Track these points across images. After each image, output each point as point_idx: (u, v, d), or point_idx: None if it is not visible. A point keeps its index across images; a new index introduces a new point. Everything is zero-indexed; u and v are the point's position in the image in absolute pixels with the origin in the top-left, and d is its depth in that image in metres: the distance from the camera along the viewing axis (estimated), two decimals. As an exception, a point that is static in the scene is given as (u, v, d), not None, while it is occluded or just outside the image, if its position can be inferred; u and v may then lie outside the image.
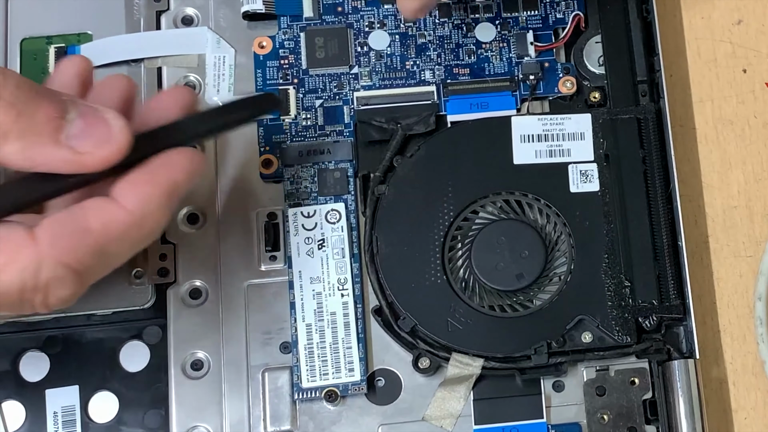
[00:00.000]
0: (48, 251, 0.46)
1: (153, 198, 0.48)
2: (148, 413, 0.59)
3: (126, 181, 0.48)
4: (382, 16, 0.63)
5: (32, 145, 0.45)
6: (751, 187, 0.65)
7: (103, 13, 0.64)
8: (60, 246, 0.46)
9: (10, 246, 0.46)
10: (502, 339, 0.59)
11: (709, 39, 0.67)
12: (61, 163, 0.46)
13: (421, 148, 0.61)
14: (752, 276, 0.63)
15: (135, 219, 0.48)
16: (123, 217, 0.47)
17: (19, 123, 0.45)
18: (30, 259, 0.46)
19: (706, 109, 0.66)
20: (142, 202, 0.48)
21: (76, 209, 0.47)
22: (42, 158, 0.46)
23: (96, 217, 0.47)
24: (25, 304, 0.47)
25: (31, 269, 0.46)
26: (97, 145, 0.47)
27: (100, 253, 0.47)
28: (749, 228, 0.64)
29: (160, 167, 0.49)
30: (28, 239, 0.46)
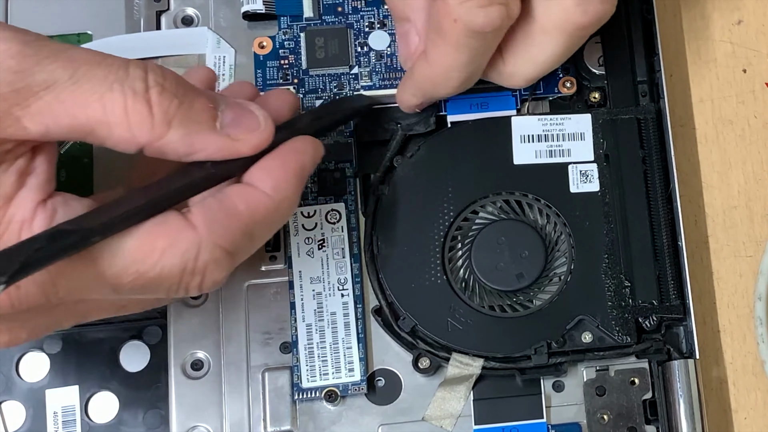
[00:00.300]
0: (206, 234, 0.48)
1: (287, 181, 0.51)
2: (148, 413, 0.59)
3: (261, 168, 0.51)
4: (382, 16, 0.63)
5: (193, 132, 0.48)
6: (751, 187, 0.65)
7: (103, 13, 0.64)
8: (215, 229, 0.48)
9: (170, 230, 0.48)
10: (502, 339, 0.59)
11: (709, 39, 0.67)
12: (217, 148, 0.49)
13: (421, 149, 0.61)
14: (752, 276, 0.63)
15: (274, 202, 0.50)
16: (265, 200, 0.50)
17: (181, 111, 0.47)
18: (190, 242, 0.48)
19: (706, 109, 0.66)
20: (278, 185, 0.50)
21: (221, 196, 0.49)
22: (201, 144, 0.48)
23: (242, 201, 0.49)
24: (181, 288, 0.49)
25: (192, 252, 0.48)
26: (248, 131, 0.50)
27: (249, 236, 0.50)
28: (749, 228, 0.64)
29: (289, 153, 0.51)
30: (186, 224, 0.48)
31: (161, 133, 0.47)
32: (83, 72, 0.46)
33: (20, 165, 0.46)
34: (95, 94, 0.46)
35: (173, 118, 0.47)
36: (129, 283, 0.48)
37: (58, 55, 0.45)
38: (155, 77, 0.47)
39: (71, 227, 0.45)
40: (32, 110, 0.45)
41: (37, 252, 0.43)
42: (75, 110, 0.45)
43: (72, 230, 0.45)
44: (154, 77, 0.47)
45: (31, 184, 0.47)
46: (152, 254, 0.47)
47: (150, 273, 0.47)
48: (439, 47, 0.55)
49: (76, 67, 0.46)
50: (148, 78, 0.47)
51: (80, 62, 0.46)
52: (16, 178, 0.46)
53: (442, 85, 0.57)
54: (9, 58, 0.44)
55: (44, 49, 0.45)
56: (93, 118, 0.46)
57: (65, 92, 0.45)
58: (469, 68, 0.56)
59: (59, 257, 0.44)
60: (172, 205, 0.49)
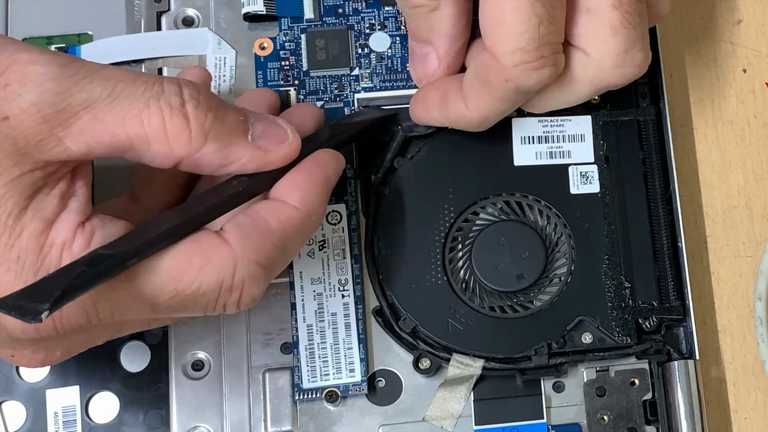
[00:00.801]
0: (241, 251, 0.49)
1: (314, 194, 0.52)
2: (148, 414, 0.59)
3: (288, 182, 0.52)
4: (382, 18, 0.63)
5: (228, 144, 0.49)
6: (751, 187, 0.65)
7: (103, 14, 0.63)
8: (249, 246, 0.49)
9: (205, 248, 0.48)
10: (503, 340, 0.59)
11: (709, 39, 0.67)
12: (249, 159, 0.50)
13: (422, 150, 0.61)
14: (752, 276, 0.63)
15: (303, 215, 0.51)
16: (295, 214, 0.51)
17: (216, 124, 0.48)
18: (226, 259, 0.48)
19: (705, 109, 0.66)
20: (306, 198, 0.51)
21: (252, 212, 0.50)
22: (235, 155, 0.49)
23: (273, 217, 0.50)
24: (219, 305, 0.50)
25: (229, 269, 0.49)
26: (277, 143, 0.51)
27: (282, 249, 0.51)
28: (749, 228, 0.64)
29: (313, 166, 0.53)
30: (220, 241, 0.49)
31: (198, 146, 0.48)
32: (120, 89, 0.47)
33: (62, 187, 0.47)
34: (134, 111, 0.47)
35: (209, 131, 0.48)
36: (167, 301, 0.48)
37: (94, 75, 0.46)
38: (190, 92, 0.48)
39: (109, 251, 0.45)
40: (73, 130, 0.46)
41: (77, 278, 0.44)
42: (115, 127, 0.46)
43: (110, 254, 0.45)
44: (188, 92, 0.48)
45: (72, 206, 0.47)
46: (189, 272, 0.48)
47: (187, 291, 0.48)
48: (483, 98, 0.55)
49: (113, 84, 0.47)
50: (183, 92, 0.48)
51: (116, 80, 0.47)
52: (58, 201, 0.47)
53: (476, 126, 0.57)
54: (49, 80, 0.45)
55: (81, 69, 0.46)
56: (132, 134, 0.47)
57: (104, 110, 0.46)
58: (506, 113, 0.57)
59: (99, 282, 0.45)
60: (205, 224, 0.50)
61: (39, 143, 0.45)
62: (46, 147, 0.46)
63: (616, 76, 0.54)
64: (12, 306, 0.43)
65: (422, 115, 0.59)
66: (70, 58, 0.47)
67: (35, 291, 0.43)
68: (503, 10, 0.51)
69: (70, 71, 0.46)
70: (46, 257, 0.46)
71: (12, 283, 0.45)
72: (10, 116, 0.45)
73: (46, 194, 0.46)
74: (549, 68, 0.53)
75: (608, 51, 0.53)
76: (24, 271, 0.45)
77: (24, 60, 0.46)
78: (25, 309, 0.42)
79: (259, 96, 0.59)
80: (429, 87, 0.59)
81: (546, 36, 0.52)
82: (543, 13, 0.51)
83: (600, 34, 0.53)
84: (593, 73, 0.55)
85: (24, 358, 0.50)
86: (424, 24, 0.57)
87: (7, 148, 0.45)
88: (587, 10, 0.53)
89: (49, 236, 0.46)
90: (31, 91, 0.45)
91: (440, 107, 0.58)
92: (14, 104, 0.45)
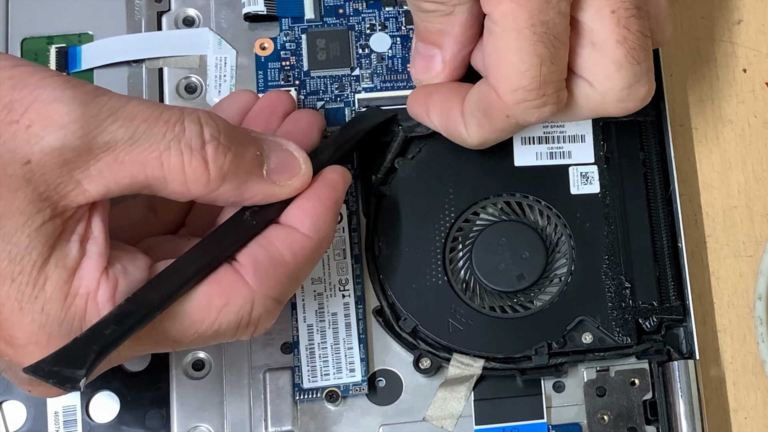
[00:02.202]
0: (258, 288, 0.49)
1: (325, 219, 0.52)
2: (149, 413, 0.59)
3: (299, 209, 0.52)
4: (383, 19, 0.63)
5: (244, 182, 0.49)
6: (751, 187, 0.65)
7: (104, 14, 0.63)
8: (266, 281, 0.49)
9: (225, 289, 0.49)
10: (503, 340, 0.59)
11: (709, 39, 0.67)
12: (263, 195, 0.50)
13: (422, 150, 0.61)
14: (752, 276, 0.63)
15: (315, 243, 0.51)
16: (307, 243, 0.51)
17: (234, 164, 0.48)
18: (245, 298, 0.49)
19: (705, 108, 0.66)
20: (317, 224, 0.52)
21: (266, 243, 0.50)
22: (250, 193, 0.50)
23: (286, 248, 0.51)
24: (234, 338, 0.50)
25: (247, 307, 0.49)
26: (290, 176, 0.51)
27: (295, 280, 0.51)
28: (749, 228, 0.64)
29: (323, 189, 0.52)
30: (238, 279, 0.49)
31: (215, 187, 0.48)
32: (142, 131, 0.46)
33: (80, 231, 0.46)
34: (154, 153, 0.46)
35: (227, 172, 0.48)
36: (189, 342, 0.49)
37: (117, 114, 0.45)
38: (211, 132, 0.48)
39: (134, 306, 0.46)
40: (92, 172, 0.45)
41: (108, 336, 0.44)
42: (134, 169, 0.46)
43: (136, 309, 0.45)
44: (209, 132, 0.48)
45: (91, 251, 0.47)
46: (210, 314, 0.48)
47: (209, 331, 0.49)
48: (483, 127, 0.55)
49: (135, 125, 0.46)
50: (204, 133, 0.48)
51: (139, 119, 0.46)
52: (78, 246, 0.46)
53: (473, 147, 0.58)
54: (72, 121, 0.44)
55: (105, 107, 0.45)
56: (151, 175, 0.46)
57: (124, 152, 0.46)
58: (506, 138, 0.57)
59: (127, 337, 0.45)
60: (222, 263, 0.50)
61: (58, 186, 0.45)
62: (64, 191, 0.45)
63: (618, 110, 0.54)
64: (48, 373, 0.43)
65: (421, 115, 0.59)
66: (93, 93, 0.45)
67: (68, 354, 0.43)
68: (506, 48, 0.51)
69: (93, 110, 0.45)
70: (70, 307, 0.45)
71: (36, 333, 0.45)
72: (32, 160, 0.44)
73: (66, 241, 0.46)
74: (551, 106, 0.53)
75: (612, 86, 0.53)
76: (49, 321, 0.45)
77: (46, 97, 0.44)
78: (63, 376, 0.42)
79: (236, 98, 0.59)
80: (432, 91, 0.58)
81: (548, 75, 0.52)
82: (545, 53, 0.51)
83: (605, 70, 0.53)
84: (595, 104, 0.55)
85: (44, 391, 0.50)
86: (434, 27, 0.57)
87: (29, 194, 0.44)
88: (592, 44, 0.53)
89: (73, 286, 0.46)
90: (54, 133, 0.44)
91: (441, 118, 0.58)
92: (37, 147, 0.44)
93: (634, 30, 0.52)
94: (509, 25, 0.51)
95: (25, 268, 0.44)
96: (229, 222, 0.51)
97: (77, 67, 0.62)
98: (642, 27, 0.53)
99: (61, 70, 0.62)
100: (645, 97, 0.54)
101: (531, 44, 0.51)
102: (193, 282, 0.48)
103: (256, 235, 0.51)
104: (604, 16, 0.52)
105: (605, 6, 0.52)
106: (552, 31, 0.51)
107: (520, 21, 0.51)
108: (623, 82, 0.53)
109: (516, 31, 0.51)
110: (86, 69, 0.62)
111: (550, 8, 0.51)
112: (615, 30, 0.52)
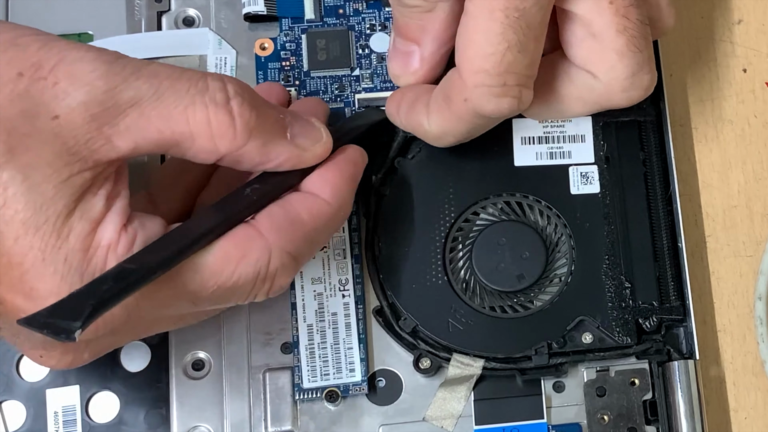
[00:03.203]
0: (274, 241, 0.50)
1: (344, 189, 0.53)
2: (148, 413, 0.59)
3: (320, 177, 0.53)
4: (383, 19, 0.63)
5: (269, 141, 0.50)
6: (751, 186, 0.65)
7: (104, 14, 0.63)
8: (282, 236, 0.50)
9: (242, 240, 0.49)
10: (503, 340, 0.59)
11: (709, 39, 0.67)
12: (287, 158, 0.51)
13: (422, 150, 0.61)
14: (752, 276, 0.63)
15: (333, 209, 0.52)
16: (326, 208, 0.52)
17: (259, 121, 0.49)
18: (262, 250, 0.49)
19: (705, 108, 0.66)
20: (337, 193, 0.53)
21: (285, 204, 0.51)
22: (275, 153, 0.50)
23: (305, 210, 0.51)
24: (252, 294, 0.51)
25: (264, 259, 0.50)
26: (313, 142, 0.52)
27: (311, 241, 0.52)
28: (749, 228, 0.64)
29: (343, 162, 0.54)
30: (255, 232, 0.50)
31: (242, 143, 0.49)
32: (166, 86, 0.47)
33: (108, 188, 0.47)
34: (179, 108, 0.47)
35: (254, 128, 0.49)
36: (208, 295, 0.49)
37: (140, 71, 0.47)
38: (234, 88, 0.48)
39: (134, 265, 0.46)
40: (121, 128, 0.46)
41: (105, 293, 0.44)
42: (160, 124, 0.47)
43: (134, 269, 0.45)
44: (233, 88, 0.48)
45: (116, 207, 0.47)
46: (228, 266, 0.49)
47: (227, 283, 0.49)
48: (443, 114, 0.55)
49: (159, 81, 0.47)
50: (227, 89, 0.48)
51: (162, 77, 0.47)
52: (104, 201, 0.47)
53: (432, 140, 0.58)
54: (97, 78, 0.46)
55: (128, 66, 0.47)
56: (178, 131, 0.47)
57: (150, 107, 0.46)
58: (466, 136, 0.57)
59: (126, 295, 0.45)
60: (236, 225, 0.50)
61: (88, 142, 0.46)
62: (95, 146, 0.46)
63: (623, 100, 0.55)
64: (43, 324, 0.43)
65: (393, 114, 0.59)
66: (115, 54, 0.47)
67: (65, 308, 0.43)
68: (476, 28, 0.51)
69: (116, 68, 0.46)
70: (92, 259, 0.46)
71: (58, 284, 0.45)
72: (60, 115, 0.45)
73: (93, 195, 0.46)
74: (510, 99, 0.52)
75: (616, 76, 0.53)
76: (71, 272, 0.45)
77: (72, 57, 0.46)
78: (58, 327, 0.42)
79: (268, 89, 0.59)
80: (407, 89, 0.59)
81: (513, 64, 0.51)
82: (514, 39, 0.51)
83: (607, 60, 0.53)
84: (599, 96, 0.55)
85: (52, 359, 0.50)
86: (415, 23, 0.57)
87: (57, 147, 0.45)
88: (592, 35, 0.53)
89: (95, 238, 0.46)
90: (80, 89, 0.45)
91: (407, 112, 0.58)
92: (64, 103, 0.45)
93: (634, 19, 0.52)
94: (484, 5, 0.51)
95: (50, 218, 0.45)
96: (244, 187, 0.51)
97: (77, 67, 0.62)
98: (641, 15, 0.53)
99: (61, 69, 0.62)
100: (648, 85, 0.54)
101: (501, 27, 0.50)
102: (203, 242, 0.48)
103: (273, 200, 0.51)
104: (602, 6, 0.52)
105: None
106: (526, 20, 0.51)
107: (495, 2, 0.50)
108: (627, 70, 0.53)
109: (489, 11, 0.51)
110: (86, 69, 0.62)
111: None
112: (614, 20, 0.52)
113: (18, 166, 0.44)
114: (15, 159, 0.44)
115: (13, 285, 0.45)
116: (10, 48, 0.46)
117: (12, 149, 0.44)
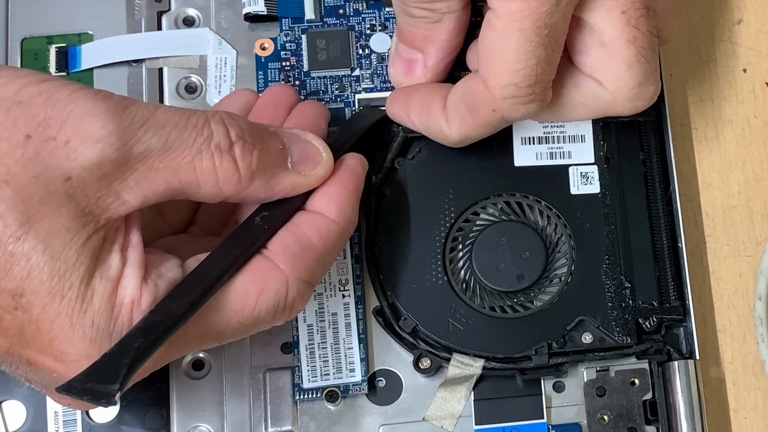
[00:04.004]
0: (290, 272, 0.50)
1: (349, 203, 0.53)
2: (148, 413, 0.59)
3: (324, 195, 0.53)
4: (383, 19, 0.63)
5: (272, 177, 0.50)
6: (751, 187, 0.65)
7: (104, 13, 0.63)
8: (297, 265, 0.50)
9: (259, 275, 0.49)
10: (503, 339, 0.59)
11: (709, 39, 0.67)
12: (292, 188, 0.51)
13: (422, 150, 0.61)
14: (752, 276, 0.63)
15: (341, 227, 0.52)
16: (334, 227, 0.52)
17: (260, 160, 0.49)
18: (279, 283, 0.50)
19: (705, 108, 0.66)
20: (342, 209, 0.53)
21: (295, 229, 0.51)
22: (279, 186, 0.51)
23: (314, 233, 0.51)
24: (272, 324, 0.51)
25: (283, 291, 0.50)
26: (314, 165, 0.52)
27: (324, 263, 0.52)
28: (749, 228, 0.64)
29: (344, 174, 0.54)
30: (271, 265, 0.50)
31: (246, 186, 0.49)
32: (174, 137, 0.46)
33: (120, 241, 0.47)
34: (186, 158, 0.47)
35: (256, 169, 0.49)
36: (232, 332, 0.50)
37: (148, 122, 0.46)
38: (236, 131, 0.48)
39: (159, 317, 0.46)
40: (130, 183, 0.46)
41: (137, 350, 0.44)
42: (169, 176, 0.46)
43: (161, 320, 0.45)
44: (235, 131, 0.48)
45: (131, 259, 0.47)
46: (249, 301, 0.49)
47: (250, 319, 0.49)
48: (467, 122, 0.56)
49: (167, 133, 0.46)
50: (230, 133, 0.48)
51: (169, 126, 0.47)
52: (120, 256, 0.46)
53: (453, 144, 0.58)
54: (108, 134, 0.45)
55: (137, 117, 0.46)
56: (185, 180, 0.47)
57: (158, 160, 0.46)
58: (486, 136, 0.57)
59: (157, 347, 0.45)
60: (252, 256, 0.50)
61: (99, 200, 0.45)
62: (105, 203, 0.45)
63: (627, 109, 0.55)
64: (82, 390, 0.43)
65: (401, 115, 0.59)
66: (122, 103, 0.46)
67: (100, 370, 0.43)
68: (505, 46, 0.51)
69: (126, 121, 0.45)
70: (117, 317, 0.46)
71: (87, 347, 0.45)
72: (72, 176, 0.44)
73: (108, 252, 0.46)
74: (537, 103, 0.53)
75: (623, 86, 0.54)
76: (99, 334, 0.45)
77: (79, 112, 0.44)
78: (97, 392, 0.42)
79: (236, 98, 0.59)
80: (412, 91, 0.59)
81: (541, 75, 0.52)
82: (543, 55, 0.51)
83: (615, 69, 0.53)
84: (604, 103, 0.55)
85: (81, 405, 0.51)
86: (420, 32, 0.57)
87: (72, 210, 0.44)
88: (602, 44, 0.53)
89: (118, 296, 0.46)
90: (92, 147, 0.44)
91: (421, 116, 0.58)
92: (76, 163, 0.44)
93: (644, 30, 0.53)
94: (513, 25, 0.51)
95: (74, 283, 0.45)
96: (253, 216, 0.51)
97: (77, 67, 0.62)
98: (650, 26, 0.53)
99: (61, 70, 0.62)
100: (652, 96, 0.55)
101: (532, 46, 0.51)
102: (224, 280, 0.48)
103: (283, 225, 0.51)
104: (614, 16, 0.52)
105: (615, 6, 0.52)
106: (554, 34, 0.51)
107: (527, 22, 0.51)
108: (634, 81, 0.53)
109: (520, 31, 0.51)
110: (86, 69, 0.62)
111: (557, 11, 0.51)
112: (625, 30, 0.52)
113: (38, 235, 0.44)
114: (34, 228, 0.44)
115: (43, 348, 0.45)
116: (13, 107, 0.44)
117: (30, 218, 0.44)
